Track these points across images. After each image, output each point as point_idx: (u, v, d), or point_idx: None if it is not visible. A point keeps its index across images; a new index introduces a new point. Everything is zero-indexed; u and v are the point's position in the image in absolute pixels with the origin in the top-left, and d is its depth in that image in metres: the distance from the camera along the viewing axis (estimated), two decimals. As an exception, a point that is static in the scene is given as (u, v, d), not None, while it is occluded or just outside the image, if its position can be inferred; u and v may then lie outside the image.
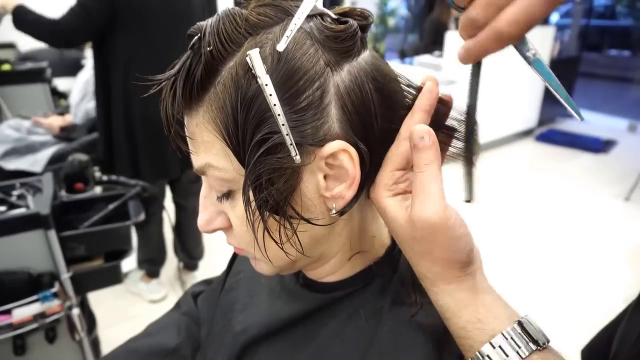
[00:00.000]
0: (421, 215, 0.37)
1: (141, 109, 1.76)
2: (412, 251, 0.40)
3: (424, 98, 0.40)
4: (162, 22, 1.72)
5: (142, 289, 2.25)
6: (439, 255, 0.38)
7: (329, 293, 0.50)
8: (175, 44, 1.70)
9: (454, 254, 0.38)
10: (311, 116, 0.37)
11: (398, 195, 0.40)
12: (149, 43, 1.72)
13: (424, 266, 0.40)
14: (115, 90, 1.75)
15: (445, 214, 0.37)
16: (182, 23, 1.74)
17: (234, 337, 0.56)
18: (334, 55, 0.38)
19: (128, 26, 1.68)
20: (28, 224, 1.15)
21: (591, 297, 2.29)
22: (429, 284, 0.40)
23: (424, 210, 0.37)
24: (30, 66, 2.88)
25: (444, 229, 0.37)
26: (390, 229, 0.41)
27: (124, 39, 1.69)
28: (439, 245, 0.38)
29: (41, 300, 1.15)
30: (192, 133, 0.40)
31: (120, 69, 1.72)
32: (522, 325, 0.37)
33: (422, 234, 0.37)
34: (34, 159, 2.00)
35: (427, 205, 0.37)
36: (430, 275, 0.40)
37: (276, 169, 0.37)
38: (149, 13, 1.69)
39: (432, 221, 0.36)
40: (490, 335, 0.37)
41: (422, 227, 0.37)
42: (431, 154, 0.37)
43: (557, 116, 5.10)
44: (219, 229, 0.46)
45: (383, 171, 0.41)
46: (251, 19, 0.38)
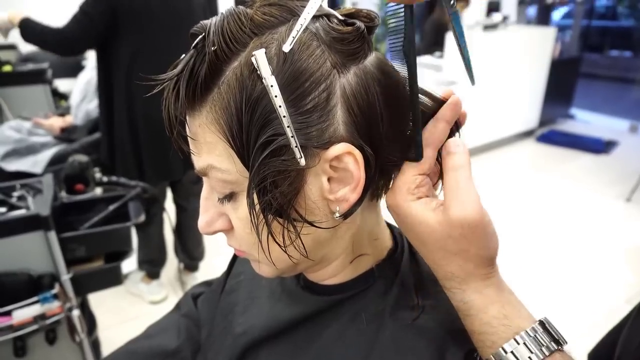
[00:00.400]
0: (463, 214, 0.37)
1: (144, 110, 1.76)
2: (444, 251, 0.40)
3: (448, 110, 0.41)
4: (162, 23, 1.73)
5: (142, 290, 2.24)
6: (475, 252, 0.39)
7: (330, 295, 0.49)
8: (177, 44, 1.70)
9: (488, 251, 0.39)
10: (317, 118, 0.36)
11: (421, 199, 0.40)
12: (150, 44, 1.72)
13: (456, 264, 0.40)
14: (118, 92, 1.76)
15: (482, 211, 0.38)
16: (182, 23, 1.74)
17: (234, 339, 0.56)
18: (340, 57, 0.37)
19: (129, 28, 1.68)
20: (28, 225, 1.15)
21: (592, 297, 2.29)
22: (458, 282, 0.41)
23: (465, 208, 0.37)
24: (31, 67, 2.88)
25: (483, 226, 0.38)
26: (416, 232, 0.41)
27: (126, 41, 1.70)
28: (476, 242, 0.38)
29: (41, 301, 1.15)
30: (195, 134, 0.40)
31: (122, 71, 1.72)
32: (544, 325, 0.38)
33: (462, 232, 0.38)
34: (35, 160, 2.00)
35: (468, 203, 0.37)
36: (461, 273, 0.40)
37: (281, 172, 0.36)
38: (150, 14, 1.69)
39: (473, 218, 0.37)
40: (515, 332, 0.37)
41: (461, 226, 0.37)
42: (466, 158, 0.39)
43: (558, 117, 5.10)
44: (220, 230, 0.45)
45: (405, 175, 0.41)
46: (256, 18, 0.37)
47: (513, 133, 4.46)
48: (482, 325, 0.39)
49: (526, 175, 3.85)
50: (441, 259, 0.41)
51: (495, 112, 4.12)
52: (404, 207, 0.40)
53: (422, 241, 0.41)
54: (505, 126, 4.35)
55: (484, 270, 0.40)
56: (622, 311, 0.86)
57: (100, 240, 1.31)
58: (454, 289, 0.41)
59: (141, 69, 1.70)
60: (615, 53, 8.12)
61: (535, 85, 4.45)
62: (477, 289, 0.40)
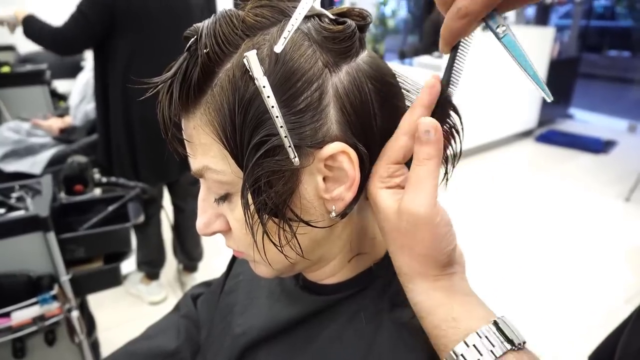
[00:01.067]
0: (410, 207, 0.36)
1: (140, 111, 1.76)
2: (394, 244, 0.39)
3: (424, 93, 0.39)
4: (160, 25, 1.72)
5: (141, 291, 2.24)
6: (419, 251, 0.38)
7: (328, 295, 0.49)
8: (174, 46, 1.70)
9: (434, 252, 0.38)
10: (310, 118, 0.36)
11: (391, 189, 0.40)
12: (147, 45, 1.72)
13: (402, 261, 0.39)
14: (114, 93, 1.76)
15: (433, 210, 0.36)
16: (180, 24, 1.74)
17: (233, 339, 0.56)
18: (332, 56, 0.38)
19: (127, 29, 1.68)
20: (27, 226, 1.15)
21: (591, 298, 2.29)
22: (406, 280, 0.40)
23: (414, 202, 0.36)
24: (29, 68, 2.88)
25: (429, 225, 0.37)
26: (378, 221, 0.41)
27: (122, 41, 1.70)
28: (420, 240, 0.37)
29: (40, 302, 1.15)
30: (190, 136, 0.40)
31: (119, 71, 1.72)
32: (497, 325, 0.36)
33: (407, 227, 0.37)
34: (34, 160, 2.00)
35: (418, 198, 0.36)
36: (408, 270, 0.39)
37: (275, 172, 0.36)
38: (148, 16, 1.69)
39: (419, 215, 0.36)
40: (465, 334, 0.36)
41: (407, 220, 0.37)
42: (434, 149, 0.37)
43: (557, 117, 5.10)
44: (217, 231, 0.45)
45: (379, 163, 0.40)
46: (248, 20, 0.37)
47: (512, 133, 4.47)
48: (433, 328, 0.38)
49: (525, 175, 3.85)
50: (392, 252, 0.40)
51: (494, 112, 4.12)
52: (372, 194, 0.40)
53: (381, 229, 0.41)
54: (504, 126, 4.35)
55: (432, 271, 0.39)
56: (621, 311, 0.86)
57: (100, 241, 1.31)
58: (405, 287, 0.41)
59: (138, 70, 1.70)
60: (613, 53, 8.14)
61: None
62: (425, 290, 0.39)
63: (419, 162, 0.37)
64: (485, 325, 0.36)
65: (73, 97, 2.33)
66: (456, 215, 2.00)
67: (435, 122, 0.37)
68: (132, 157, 1.84)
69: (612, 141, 4.45)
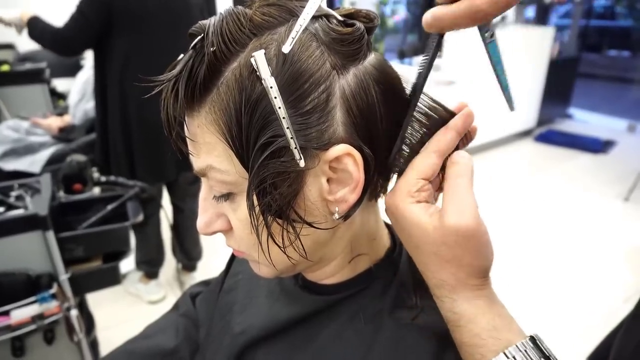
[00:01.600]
0: (458, 220, 0.37)
1: (137, 110, 1.76)
2: (437, 257, 0.39)
3: (461, 120, 0.41)
4: (159, 24, 1.72)
5: (140, 290, 2.24)
6: (468, 261, 0.38)
7: (328, 295, 0.49)
8: (173, 45, 1.70)
9: (482, 261, 0.39)
10: (316, 119, 0.36)
11: (420, 203, 0.40)
12: (145, 44, 1.72)
13: (448, 272, 0.39)
14: (112, 92, 1.76)
15: (479, 220, 0.38)
16: (179, 24, 1.74)
17: (232, 338, 0.56)
18: (340, 58, 0.37)
19: (124, 28, 1.68)
20: (26, 225, 1.15)
21: (591, 297, 2.29)
22: (448, 290, 0.40)
23: (462, 216, 0.37)
24: (29, 67, 2.88)
25: (478, 236, 0.38)
26: (411, 235, 0.40)
27: (120, 40, 1.70)
28: (470, 251, 0.38)
29: (39, 301, 1.15)
30: (194, 134, 0.40)
31: (117, 70, 1.72)
32: (534, 341, 0.37)
33: (456, 240, 0.37)
34: (33, 159, 2.00)
35: (465, 211, 0.37)
36: (453, 281, 0.39)
37: (280, 173, 0.36)
38: (146, 15, 1.69)
39: (468, 226, 0.37)
40: (505, 346, 0.36)
41: (456, 233, 0.37)
42: (469, 168, 0.39)
43: (556, 117, 5.11)
44: (218, 231, 0.45)
45: (408, 177, 0.41)
46: (256, 19, 0.37)
47: (511, 133, 4.47)
48: (472, 337, 0.38)
49: (524, 174, 3.86)
50: (433, 264, 0.40)
51: (494, 112, 4.11)
52: (401, 209, 0.40)
53: (416, 245, 0.40)
54: (504, 126, 4.35)
55: (476, 280, 0.39)
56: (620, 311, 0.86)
57: (99, 240, 1.31)
58: (444, 297, 0.40)
59: (135, 69, 1.70)
60: (613, 53, 8.14)
61: (534, 85, 4.45)
62: (468, 298, 0.39)
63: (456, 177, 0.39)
64: (524, 339, 0.37)
65: (72, 95, 2.32)
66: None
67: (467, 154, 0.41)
68: (129, 156, 1.84)
69: (611, 141, 4.46)
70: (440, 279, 0.40)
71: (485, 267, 0.39)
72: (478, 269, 0.39)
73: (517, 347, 0.36)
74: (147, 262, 2.21)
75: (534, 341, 0.37)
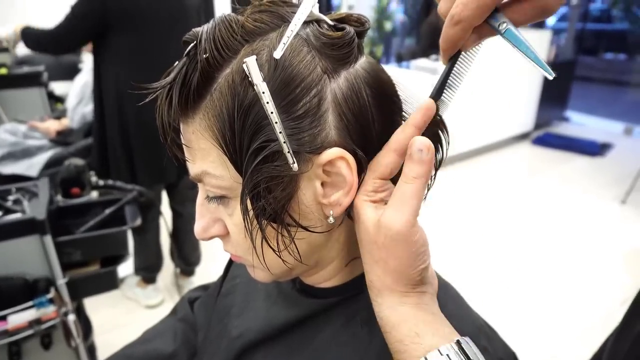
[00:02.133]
0: (390, 222, 0.37)
1: (135, 113, 1.76)
2: (369, 256, 0.39)
3: (418, 114, 0.39)
4: (155, 26, 1.73)
5: (138, 295, 2.24)
6: (394, 266, 0.38)
7: (325, 298, 0.49)
8: (169, 47, 1.71)
9: (407, 269, 0.38)
10: (308, 124, 0.37)
11: (375, 203, 0.40)
12: (141, 46, 1.72)
13: (375, 274, 0.39)
14: (108, 94, 1.76)
15: (413, 229, 0.37)
16: (176, 26, 1.75)
17: (230, 342, 0.56)
18: (331, 62, 0.38)
19: (121, 29, 1.68)
20: (24, 229, 1.15)
21: (588, 300, 2.29)
22: (375, 293, 0.40)
23: (395, 218, 0.37)
24: (26, 70, 2.87)
25: (406, 243, 0.37)
26: (358, 232, 0.41)
27: (117, 42, 1.70)
28: (396, 256, 0.37)
29: (37, 306, 1.15)
30: (189, 141, 0.40)
31: (113, 72, 1.73)
32: (460, 345, 0.36)
33: (384, 241, 0.37)
34: (30, 163, 1.99)
35: (400, 215, 0.37)
36: (379, 284, 0.39)
37: (274, 177, 0.36)
38: (142, 17, 1.69)
39: (399, 231, 0.36)
40: (426, 351, 0.35)
41: (386, 234, 0.37)
42: (424, 169, 0.37)
43: (553, 120, 5.12)
44: (215, 236, 0.46)
45: (366, 177, 0.40)
46: (247, 25, 0.37)
47: (509, 136, 4.48)
48: (396, 343, 0.38)
49: (522, 177, 3.87)
50: (366, 264, 0.40)
51: (491, 115, 4.14)
52: (356, 207, 0.40)
53: (360, 241, 0.40)
54: (501, 129, 4.36)
55: (403, 287, 0.39)
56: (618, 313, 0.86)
57: (97, 244, 1.30)
58: (373, 301, 0.40)
59: (132, 71, 1.70)
60: (609, 56, 8.17)
61: (531, 88, 4.47)
62: (392, 305, 0.39)
63: (407, 179, 0.37)
64: (448, 344, 0.36)
65: (70, 99, 2.32)
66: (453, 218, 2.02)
67: (429, 142, 0.37)
68: (128, 159, 1.83)
69: (608, 144, 4.47)
70: (369, 279, 0.40)
71: (413, 276, 0.38)
72: (404, 276, 0.38)
73: (438, 351, 0.35)
74: (146, 268, 2.20)
75: (459, 345, 0.36)
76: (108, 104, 1.77)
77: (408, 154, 0.37)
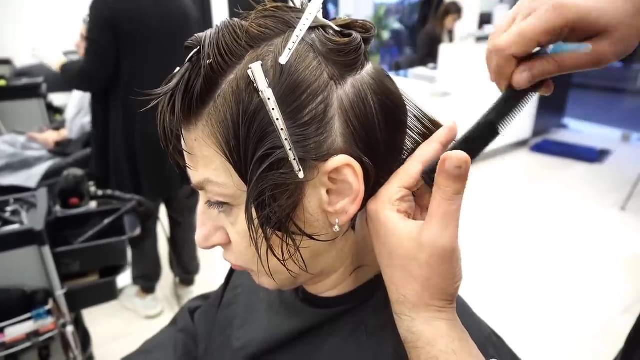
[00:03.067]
0: (436, 240, 0.36)
1: (141, 127, 1.77)
2: (404, 271, 0.38)
3: (444, 132, 0.41)
4: (160, 42, 1.74)
5: (137, 305, 2.22)
6: (435, 282, 0.37)
7: (330, 308, 0.49)
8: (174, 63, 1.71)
9: (449, 285, 0.38)
10: (314, 131, 0.36)
11: (400, 213, 0.39)
12: (147, 63, 1.73)
13: (411, 289, 0.38)
14: (114, 109, 1.76)
15: (457, 245, 0.37)
16: (179, 41, 1.75)
17: (233, 353, 0.55)
18: (337, 69, 0.37)
19: (127, 47, 1.69)
20: (22, 240, 1.14)
21: (588, 307, 2.28)
22: (409, 308, 0.39)
23: (443, 238, 0.36)
24: (25, 82, 2.88)
25: (451, 260, 0.37)
26: (385, 242, 0.39)
27: (123, 59, 1.71)
28: (439, 274, 0.37)
29: (35, 318, 1.13)
30: (191, 148, 0.39)
31: (121, 88, 1.73)
32: None
33: (429, 260, 0.37)
34: (29, 174, 1.99)
35: (448, 234, 0.36)
36: (415, 299, 0.38)
37: (279, 185, 0.36)
38: (147, 33, 1.70)
39: (446, 249, 0.36)
40: None
41: (432, 253, 0.36)
42: (462, 186, 0.37)
43: (551, 127, 5.14)
44: (217, 244, 0.45)
45: (390, 185, 0.40)
46: (252, 30, 0.37)
47: (507, 143, 4.49)
48: (429, 359, 0.37)
49: (521, 184, 3.87)
50: (399, 279, 0.39)
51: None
52: (381, 214, 0.39)
53: (389, 253, 0.39)
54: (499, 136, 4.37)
55: (439, 302, 0.38)
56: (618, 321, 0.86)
57: (95, 255, 1.29)
58: (404, 315, 0.39)
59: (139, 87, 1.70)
60: (606, 63, 8.22)
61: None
62: (427, 320, 0.38)
63: (448, 196, 0.36)
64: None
65: (69, 110, 2.32)
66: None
67: (466, 156, 0.36)
68: (134, 173, 1.83)
69: (606, 150, 4.48)
70: (402, 294, 0.39)
71: (451, 292, 0.38)
72: (444, 291, 0.38)
73: None
74: (144, 277, 2.19)
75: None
76: (114, 119, 1.77)
77: (444, 169, 0.37)
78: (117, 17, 1.62)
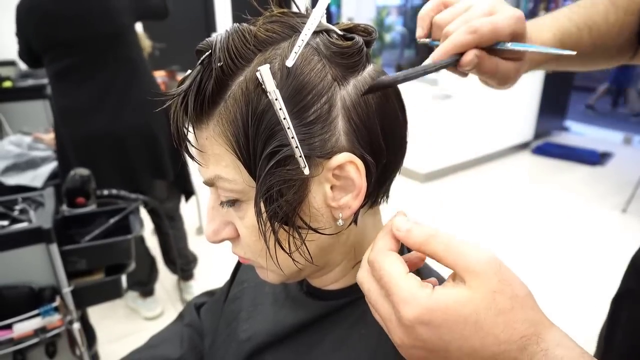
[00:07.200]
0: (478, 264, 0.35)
1: (80, 128, 1.83)
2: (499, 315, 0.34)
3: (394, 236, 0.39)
4: (85, 49, 1.76)
5: (139, 306, 2.24)
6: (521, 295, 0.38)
7: (333, 300, 0.50)
8: (107, 63, 1.76)
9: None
10: (319, 129, 0.38)
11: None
12: (74, 70, 1.77)
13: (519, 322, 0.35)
14: (55, 115, 1.88)
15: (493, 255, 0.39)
16: (108, 40, 1.77)
17: (239, 345, 0.57)
18: (340, 70, 0.39)
19: (54, 58, 1.76)
20: (30, 239, 1.16)
21: (589, 309, 2.29)
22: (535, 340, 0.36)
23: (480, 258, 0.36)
24: (30, 83, 2.91)
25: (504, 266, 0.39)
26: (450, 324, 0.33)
27: (48, 64, 1.79)
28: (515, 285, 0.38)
29: (42, 314, 1.15)
30: (202, 146, 0.41)
31: (53, 94, 1.84)
32: None
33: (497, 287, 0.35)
34: (35, 174, 2.01)
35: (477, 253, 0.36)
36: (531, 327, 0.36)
37: (286, 181, 0.38)
38: (70, 45, 1.74)
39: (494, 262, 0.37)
40: None
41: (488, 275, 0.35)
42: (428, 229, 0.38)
43: (552, 129, 5.14)
44: (226, 239, 0.47)
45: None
46: (260, 35, 0.39)
47: (509, 145, 4.50)
48: None
49: (522, 187, 3.87)
50: (501, 331, 0.34)
51: (491, 125, 4.16)
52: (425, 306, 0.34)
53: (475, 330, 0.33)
54: (501, 139, 4.38)
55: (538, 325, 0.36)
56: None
57: (101, 253, 1.31)
58: (537, 354, 0.34)
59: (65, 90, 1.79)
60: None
61: (530, 98, 4.50)
62: (555, 338, 0.36)
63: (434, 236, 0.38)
64: None
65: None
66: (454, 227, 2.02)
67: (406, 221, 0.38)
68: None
69: (608, 153, 4.49)
70: (518, 337, 0.34)
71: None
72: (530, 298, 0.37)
73: None
74: (139, 283, 2.19)
75: None
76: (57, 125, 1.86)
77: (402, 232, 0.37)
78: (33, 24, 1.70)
